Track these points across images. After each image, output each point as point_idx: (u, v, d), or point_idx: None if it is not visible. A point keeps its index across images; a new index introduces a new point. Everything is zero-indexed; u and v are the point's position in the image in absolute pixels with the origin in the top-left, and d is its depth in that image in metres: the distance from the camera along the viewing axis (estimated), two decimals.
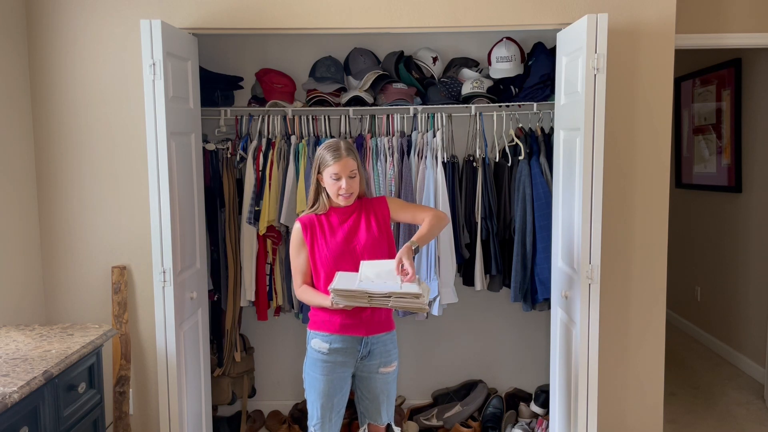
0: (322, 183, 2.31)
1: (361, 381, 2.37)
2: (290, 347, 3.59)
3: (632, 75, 2.86)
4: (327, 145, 2.30)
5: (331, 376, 2.28)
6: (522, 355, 3.61)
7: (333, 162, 2.24)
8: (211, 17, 2.83)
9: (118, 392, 2.94)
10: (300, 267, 2.34)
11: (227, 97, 3.31)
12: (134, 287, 2.94)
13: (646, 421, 3.02)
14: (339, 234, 2.30)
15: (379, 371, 2.34)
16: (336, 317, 2.26)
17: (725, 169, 4.46)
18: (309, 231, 2.31)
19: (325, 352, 2.27)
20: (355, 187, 2.30)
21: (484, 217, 3.16)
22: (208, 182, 3.13)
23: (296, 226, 2.34)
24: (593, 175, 2.47)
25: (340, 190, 2.27)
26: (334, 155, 2.25)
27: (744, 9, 3.26)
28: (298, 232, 2.32)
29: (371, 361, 2.32)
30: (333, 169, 2.25)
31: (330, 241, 2.29)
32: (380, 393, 2.37)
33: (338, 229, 2.31)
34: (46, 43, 2.85)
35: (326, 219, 2.33)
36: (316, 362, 2.29)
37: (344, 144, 2.30)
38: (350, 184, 2.27)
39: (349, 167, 2.26)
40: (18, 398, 1.79)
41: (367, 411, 2.41)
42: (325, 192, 2.32)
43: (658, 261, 2.94)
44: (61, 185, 2.91)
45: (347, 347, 2.28)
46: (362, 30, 2.89)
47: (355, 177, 2.29)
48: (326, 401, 2.29)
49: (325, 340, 2.27)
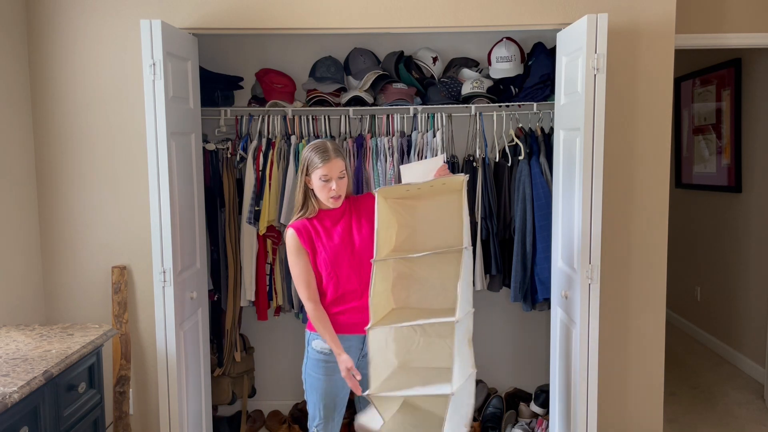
0: (310, 185, 2.27)
1: (363, 379, 2.36)
2: (290, 347, 3.59)
3: (632, 75, 2.86)
4: (314, 147, 2.26)
5: (333, 376, 2.28)
6: (522, 355, 3.61)
7: (322, 164, 2.21)
8: (211, 17, 2.83)
9: (118, 392, 2.94)
10: (304, 276, 2.26)
11: (227, 97, 3.31)
12: (134, 287, 2.95)
13: (646, 421, 3.02)
14: (335, 237, 2.27)
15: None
16: (338, 317, 2.27)
17: (725, 169, 4.46)
18: (306, 237, 2.26)
19: (327, 353, 2.27)
20: (344, 188, 2.27)
21: (484, 217, 3.16)
22: (208, 182, 3.13)
23: (290, 233, 2.26)
24: (593, 175, 2.47)
25: (331, 192, 2.23)
26: (322, 157, 2.21)
27: (744, 9, 3.26)
28: (294, 239, 2.25)
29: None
30: (322, 171, 2.21)
31: (328, 245, 2.26)
32: None
33: (333, 231, 2.28)
34: (46, 43, 2.85)
35: (319, 223, 2.29)
36: (318, 363, 2.29)
37: (331, 144, 2.27)
38: (340, 185, 2.24)
39: (338, 168, 2.23)
40: (18, 398, 1.79)
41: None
42: (313, 194, 2.28)
43: (658, 261, 2.94)
44: (61, 185, 2.91)
45: (349, 346, 2.28)
46: (362, 30, 2.89)
47: (344, 178, 2.26)
48: (329, 401, 2.30)
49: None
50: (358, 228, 2.31)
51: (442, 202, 2.23)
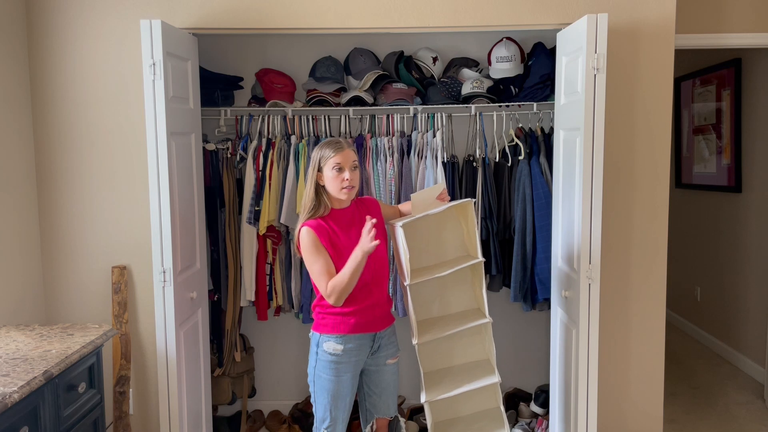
0: (321, 181, 2.28)
1: (370, 375, 2.40)
2: (290, 347, 3.59)
3: (632, 75, 2.86)
4: (326, 142, 2.31)
5: (344, 377, 2.30)
6: (522, 355, 3.61)
7: (335, 153, 2.23)
8: (211, 17, 2.83)
9: (118, 392, 2.94)
10: (327, 268, 2.22)
11: (227, 97, 3.31)
12: (134, 287, 2.95)
13: (646, 421, 3.02)
14: (352, 237, 2.27)
15: (386, 363, 2.40)
16: (350, 318, 2.28)
17: (725, 169, 4.46)
18: (323, 234, 2.24)
19: (339, 354, 2.28)
20: (357, 180, 2.29)
21: (484, 217, 3.16)
22: (208, 182, 3.13)
23: (307, 231, 2.23)
24: (593, 175, 2.47)
25: (344, 182, 2.23)
26: (335, 147, 2.25)
27: (744, 9, 3.26)
28: (312, 236, 2.22)
29: (380, 354, 2.38)
30: (335, 159, 2.22)
31: (346, 244, 2.26)
32: (388, 385, 2.43)
33: (349, 232, 2.29)
34: (46, 43, 2.85)
35: (333, 223, 2.29)
36: (329, 364, 2.29)
37: (342, 139, 2.32)
38: (353, 176, 2.26)
39: (351, 158, 2.26)
40: (18, 398, 1.80)
41: (374, 406, 2.44)
42: (324, 191, 2.29)
43: (658, 261, 2.94)
44: (61, 185, 2.91)
45: (361, 344, 2.31)
46: (362, 30, 2.89)
47: (356, 170, 2.28)
48: (340, 402, 2.31)
49: (339, 341, 2.28)
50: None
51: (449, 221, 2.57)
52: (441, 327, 2.54)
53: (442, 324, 2.57)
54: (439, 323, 2.59)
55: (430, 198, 2.45)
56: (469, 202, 2.50)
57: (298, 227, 2.28)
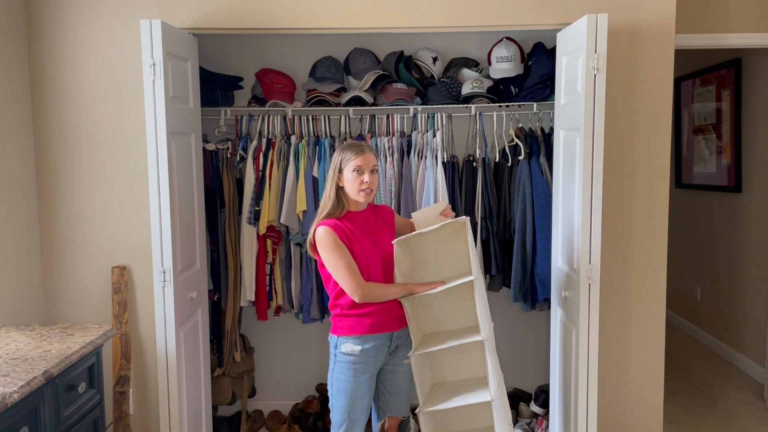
0: (341, 183, 2.30)
1: (386, 375, 2.41)
2: (290, 347, 3.59)
3: (632, 75, 2.86)
4: (347, 144, 2.33)
5: (362, 377, 2.31)
6: (522, 355, 3.61)
7: (356, 156, 2.26)
8: (211, 17, 2.83)
9: (118, 392, 2.94)
10: (351, 265, 2.22)
11: (227, 97, 3.31)
12: (134, 287, 2.95)
13: (646, 421, 3.02)
14: (371, 239, 2.31)
15: (403, 363, 2.41)
16: (366, 319, 2.29)
17: (725, 169, 4.46)
18: (342, 234, 2.25)
19: (357, 354, 2.29)
20: (375, 183, 2.31)
21: (484, 217, 3.16)
22: (208, 182, 3.13)
23: (325, 230, 2.23)
24: (593, 175, 2.48)
25: (363, 184, 2.26)
26: (356, 150, 2.28)
27: (744, 9, 3.26)
28: (332, 235, 2.22)
29: (398, 354, 2.39)
30: (356, 162, 2.25)
31: (366, 245, 2.29)
32: (403, 384, 2.45)
33: (368, 233, 2.32)
34: (46, 43, 2.85)
35: (350, 224, 2.30)
36: (348, 366, 2.30)
37: (364, 143, 2.35)
38: (372, 179, 2.28)
39: (371, 162, 2.29)
40: (18, 398, 1.79)
41: (387, 405, 2.45)
42: (344, 193, 2.31)
43: (658, 261, 2.94)
44: (61, 185, 2.91)
45: (379, 344, 2.32)
46: (362, 30, 2.89)
47: (375, 173, 2.31)
48: (358, 404, 2.32)
49: (357, 342, 2.29)
50: (381, 231, 2.37)
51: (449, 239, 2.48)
52: (439, 341, 2.42)
53: (441, 338, 2.46)
54: (439, 336, 2.48)
55: (433, 215, 2.42)
56: (463, 221, 2.36)
57: (314, 227, 2.29)
